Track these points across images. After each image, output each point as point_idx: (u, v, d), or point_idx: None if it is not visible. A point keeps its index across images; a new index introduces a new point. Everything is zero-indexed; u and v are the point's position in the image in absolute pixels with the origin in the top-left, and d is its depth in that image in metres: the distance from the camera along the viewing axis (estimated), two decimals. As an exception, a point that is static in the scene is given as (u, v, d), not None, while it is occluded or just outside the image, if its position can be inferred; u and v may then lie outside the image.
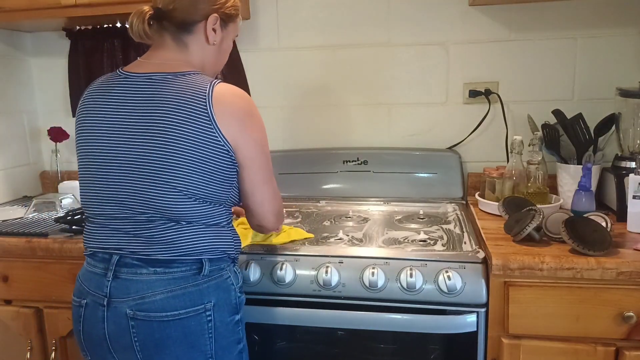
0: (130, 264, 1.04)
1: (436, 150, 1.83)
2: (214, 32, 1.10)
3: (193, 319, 1.03)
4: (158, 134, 1.00)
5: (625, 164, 1.49)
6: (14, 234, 1.52)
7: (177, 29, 1.08)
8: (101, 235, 1.08)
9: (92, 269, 1.08)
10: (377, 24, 1.83)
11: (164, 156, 1.00)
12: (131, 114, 1.03)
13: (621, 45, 1.70)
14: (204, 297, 1.04)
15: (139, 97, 1.03)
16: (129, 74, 1.07)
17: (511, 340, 1.21)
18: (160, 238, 1.03)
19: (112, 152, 1.04)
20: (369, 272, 1.24)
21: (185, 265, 1.04)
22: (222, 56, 1.18)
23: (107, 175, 1.05)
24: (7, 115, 1.98)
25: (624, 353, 1.17)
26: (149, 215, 1.03)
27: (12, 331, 1.56)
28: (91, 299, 1.06)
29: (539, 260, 1.17)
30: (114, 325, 1.03)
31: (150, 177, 1.01)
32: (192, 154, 1.00)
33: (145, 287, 1.02)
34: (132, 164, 1.02)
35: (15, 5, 1.67)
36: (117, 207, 1.05)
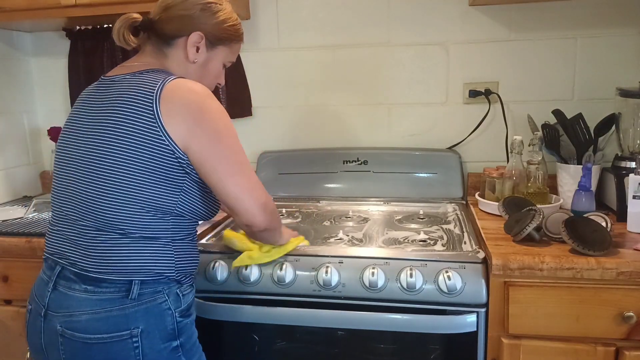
0: (68, 277, 1.00)
1: (436, 150, 1.83)
2: (195, 50, 1.08)
3: (118, 345, 0.97)
4: (102, 134, 0.98)
5: (625, 164, 1.49)
6: (14, 234, 1.52)
7: (158, 39, 1.07)
8: (52, 241, 1.06)
9: (42, 274, 1.07)
10: (377, 24, 1.83)
11: (104, 156, 0.97)
12: (87, 117, 1.02)
13: (621, 45, 1.70)
14: (130, 323, 0.98)
15: (97, 99, 1.03)
16: (102, 78, 1.08)
17: (511, 340, 1.21)
18: (94, 250, 0.99)
19: (68, 155, 1.04)
20: (369, 272, 1.24)
21: (114, 286, 0.98)
22: (208, 77, 1.14)
23: (63, 178, 1.04)
24: (7, 115, 1.98)
25: (624, 353, 1.17)
26: (88, 222, 0.99)
27: (12, 331, 1.56)
28: (34, 307, 1.05)
29: (539, 260, 1.17)
30: (48, 338, 1.01)
31: (91, 178, 0.98)
32: (132, 154, 0.95)
33: (74, 304, 0.98)
34: (79, 165, 1.01)
35: (15, 5, 1.67)
36: (68, 211, 1.03)
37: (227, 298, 1.29)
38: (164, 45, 1.07)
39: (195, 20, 1.07)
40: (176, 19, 1.06)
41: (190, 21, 1.06)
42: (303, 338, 1.33)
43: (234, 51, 1.18)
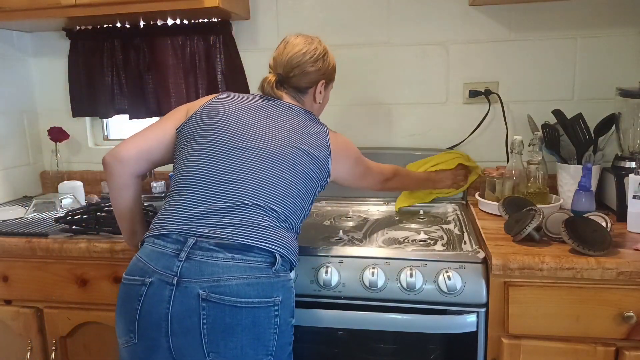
0: (206, 248, 1.06)
1: (436, 150, 1.82)
2: (320, 94, 1.34)
3: (263, 311, 1.05)
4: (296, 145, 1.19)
5: (625, 164, 1.49)
6: (14, 234, 1.52)
7: (293, 90, 1.31)
8: (181, 217, 1.11)
9: (160, 249, 1.09)
10: (377, 24, 1.83)
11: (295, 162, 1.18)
12: (277, 124, 1.22)
13: (621, 45, 1.70)
14: (274, 291, 1.07)
15: (280, 113, 1.25)
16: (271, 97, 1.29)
17: (511, 340, 1.21)
18: (253, 221, 1.09)
19: (243, 144, 1.17)
20: (369, 272, 1.24)
21: (261, 256, 1.08)
22: (322, 108, 1.40)
23: (231, 161, 1.15)
24: (7, 115, 1.98)
25: (624, 353, 1.17)
26: (259, 201, 1.11)
27: (12, 331, 1.56)
28: (157, 278, 1.06)
29: (539, 260, 1.17)
30: (181, 305, 1.03)
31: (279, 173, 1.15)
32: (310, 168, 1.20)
33: (220, 271, 1.04)
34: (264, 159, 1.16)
35: (15, 5, 1.67)
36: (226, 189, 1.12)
37: (227, 298, 1.29)
38: (299, 92, 1.31)
39: (319, 72, 1.31)
40: (308, 74, 1.29)
41: (317, 73, 1.30)
42: (303, 338, 1.33)
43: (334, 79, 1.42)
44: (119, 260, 1.44)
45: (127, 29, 1.93)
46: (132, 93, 1.98)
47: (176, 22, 1.89)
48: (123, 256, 1.43)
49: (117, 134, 2.19)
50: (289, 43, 1.30)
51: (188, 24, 1.89)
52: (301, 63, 1.28)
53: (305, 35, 1.32)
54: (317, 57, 1.29)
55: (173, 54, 1.92)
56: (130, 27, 1.92)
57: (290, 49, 1.29)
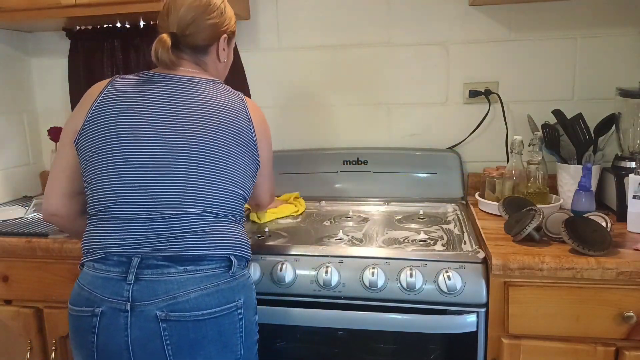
0: (155, 265, 1.00)
1: (436, 150, 1.83)
2: (224, 51, 1.20)
3: (227, 317, 1.03)
4: (209, 129, 1.07)
5: (625, 164, 1.49)
6: (14, 234, 1.52)
7: (193, 52, 1.15)
8: (117, 237, 1.03)
9: (104, 274, 1.02)
10: (377, 24, 1.83)
11: (215, 149, 1.06)
12: (180, 110, 1.07)
13: (621, 45, 1.70)
14: (235, 295, 1.05)
15: (186, 94, 1.09)
16: (165, 74, 1.12)
17: (511, 340, 1.21)
18: (195, 229, 1.03)
19: (152, 145, 1.05)
20: (369, 272, 1.24)
21: (215, 262, 1.04)
22: (227, 67, 1.28)
23: (143, 167, 1.04)
24: (7, 115, 1.98)
25: (624, 353, 1.17)
26: (191, 207, 1.04)
27: (12, 331, 1.56)
28: (108, 306, 1.00)
29: (539, 260, 1.17)
30: (140, 330, 0.98)
31: (199, 167, 1.05)
32: (236, 147, 1.09)
33: (175, 287, 0.99)
34: (181, 155, 1.04)
35: (15, 5, 1.67)
36: (151, 199, 1.03)
37: (227, 298, 1.29)
38: (201, 54, 1.16)
39: (220, 24, 1.16)
40: (206, 29, 1.13)
41: (218, 27, 1.16)
42: (303, 338, 1.33)
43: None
44: (119, 260, 1.44)
45: (127, 29, 1.93)
46: (132, 93, 1.98)
47: (176, 22, 1.89)
48: (123, 256, 1.43)
49: (117, 134, 2.18)
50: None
51: (188, 24, 1.88)
52: (197, 16, 1.11)
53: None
54: (215, 6, 1.13)
55: (173, 54, 1.91)
56: (130, 27, 1.92)
57: (182, 1, 1.11)
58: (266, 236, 1.45)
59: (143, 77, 1.12)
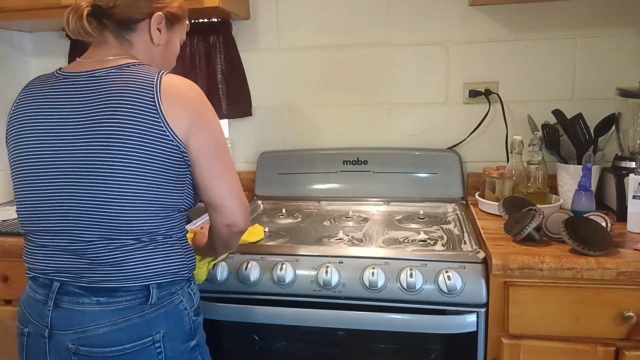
0: (72, 292, 0.95)
1: (436, 150, 1.83)
2: (158, 32, 1.04)
3: (140, 353, 0.94)
4: (102, 134, 0.91)
5: (625, 164, 1.49)
6: (14, 234, 1.52)
7: (118, 27, 1.00)
8: (41, 257, 0.98)
9: (33, 294, 1.00)
10: (377, 24, 1.83)
11: (109, 158, 0.90)
12: (72, 116, 0.93)
13: (621, 45, 1.70)
14: (152, 328, 0.95)
15: (81, 96, 0.94)
16: (67, 73, 0.99)
17: (511, 340, 1.21)
18: (105, 260, 0.93)
19: (51, 160, 0.94)
20: (369, 272, 1.24)
21: (131, 293, 0.94)
22: (170, 57, 1.11)
23: (46, 185, 0.95)
24: (7, 115, 1.97)
25: (624, 353, 1.17)
26: (94, 232, 0.93)
27: (12, 331, 1.55)
28: (33, 328, 0.98)
29: (539, 260, 1.17)
30: (57, 358, 0.95)
31: (95, 184, 0.91)
32: (140, 152, 0.90)
33: (88, 319, 0.93)
34: (74, 172, 0.92)
35: (15, 5, 1.67)
36: (58, 223, 0.95)
37: (227, 298, 1.29)
38: (126, 31, 1.01)
39: (152, 0, 1.02)
40: (133, 2, 0.99)
41: (147, 2, 1.01)
42: (303, 338, 1.33)
43: (185, 28, 1.14)
44: (119, 260, 1.44)
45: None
46: (132, 93, 1.97)
47: (176, 22, 1.89)
48: (123, 256, 1.43)
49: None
50: None
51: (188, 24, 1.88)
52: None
53: None
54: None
55: (173, 54, 1.91)
56: (130, 27, 1.92)
57: None
58: (266, 236, 1.45)
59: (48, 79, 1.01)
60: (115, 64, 0.97)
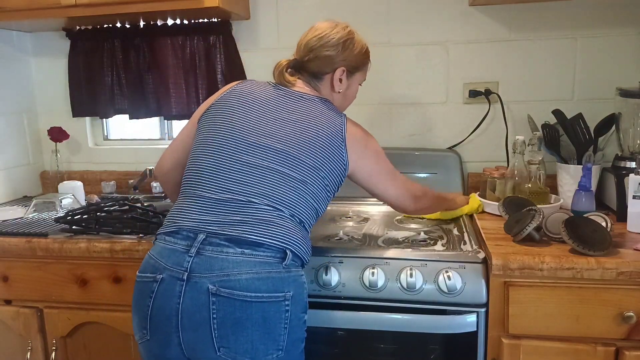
0: (216, 243, 1.06)
1: (436, 150, 1.83)
2: (339, 82, 1.26)
3: (273, 305, 1.05)
4: (299, 133, 1.15)
5: (625, 164, 1.49)
6: (14, 234, 1.52)
7: (309, 76, 1.26)
8: (191, 213, 1.11)
9: (171, 245, 1.10)
10: (377, 24, 1.83)
11: (301, 156, 1.14)
12: (285, 116, 1.18)
13: (621, 45, 1.70)
14: (285, 286, 1.06)
15: (290, 104, 1.20)
16: (285, 88, 1.24)
17: (511, 340, 1.21)
18: (262, 218, 1.09)
19: (250, 138, 1.15)
20: (369, 272, 1.24)
21: (271, 251, 1.07)
22: (347, 100, 1.34)
23: (238, 155, 1.14)
24: (7, 115, 1.98)
25: (624, 353, 1.17)
26: (265, 199, 1.10)
27: (12, 331, 1.56)
28: (168, 274, 1.06)
29: (539, 260, 1.17)
30: (191, 300, 1.03)
31: (283, 168, 1.13)
32: (321, 162, 1.15)
33: (230, 266, 1.04)
34: (269, 153, 1.14)
35: (15, 5, 1.67)
36: (234, 186, 1.12)
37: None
38: (315, 79, 1.26)
39: (339, 57, 1.24)
40: (322, 59, 1.23)
41: (335, 59, 1.24)
42: (303, 338, 1.33)
43: (366, 71, 1.35)
44: (119, 260, 1.44)
45: (127, 29, 1.93)
46: (132, 93, 1.98)
47: (176, 22, 1.89)
48: (123, 256, 1.43)
49: (117, 134, 2.19)
50: (312, 27, 1.26)
51: (188, 24, 1.89)
52: (317, 46, 1.23)
53: (333, 21, 1.27)
54: (337, 41, 1.23)
55: (173, 54, 1.92)
56: (130, 27, 1.92)
57: (311, 33, 1.25)
58: None
59: (267, 84, 1.26)
60: (315, 94, 1.25)
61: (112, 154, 2.11)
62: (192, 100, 1.95)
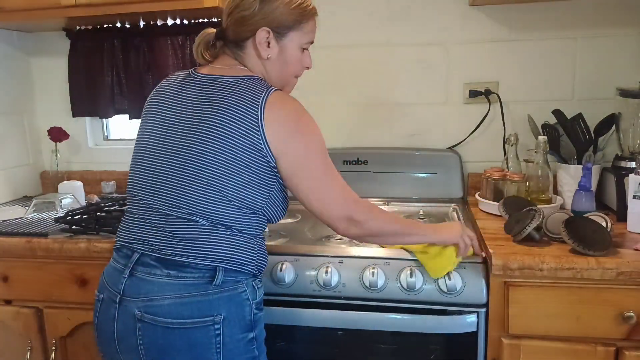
0: (147, 264, 1.02)
1: (436, 150, 1.83)
2: (266, 46, 1.08)
3: (199, 331, 0.99)
4: (204, 130, 1.01)
5: (625, 164, 1.49)
6: (14, 234, 1.52)
7: (233, 46, 1.10)
8: (131, 228, 1.08)
9: (114, 264, 1.08)
10: (377, 24, 1.83)
11: (205, 152, 1.00)
12: (187, 110, 1.04)
13: (621, 45, 1.70)
14: (214, 309, 1.00)
15: (199, 95, 1.05)
16: (196, 73, 1.10)
17: (511, 340, 1.21)
18: (183, 236, 1.01)
19: (160, 142, 1.06)
20: (369, 272, 1.24)
21: (198, 271, 1.00)
22: (288, 66, 1.13)
23: (151, 163, 1.06)
24: (7, 115, 1.98)
25: (624, 353, 1.17)
26: (179, 211, 1.02)
27: (12, 331, 1.56)
28: (107, 295, 1.06)
29: (539, 260, 1.17)
30: (123, 324, 1.02)
31: (187, 171, 1.01)
32: (233, 154, 0.99)
33: (155, 289, 1.00)
34: (174, 156, 1.03)
35: (15, 5, 1.67)
36: (152, 197, 1.05)
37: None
38: (237, 49, 1.09)
39: (257, 17, 1.06)
40: (239, 21, 1.06)
41: (252, 20, 1.06)
42: (303, 338, 1.33)
43: (308, 30, 1.15)
44: (119, 260, 1.44)
45: (127, 29, 1.93)
46: (132, 93, 1.98)
47: (176, 22, 1.89)
48: (123, 256, 1.43)
49: (117, 134, 2.19)
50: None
51: (188, 24, 1.88)
52: (233, 8, 1.07)
53: None
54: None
55: (173, 54, 1.91)
56: (130, 27, 1.92)
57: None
58: (266, 236, 1.44)
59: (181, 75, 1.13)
60: (233, 74, 1.07)
61: (112, 154, 2.11)
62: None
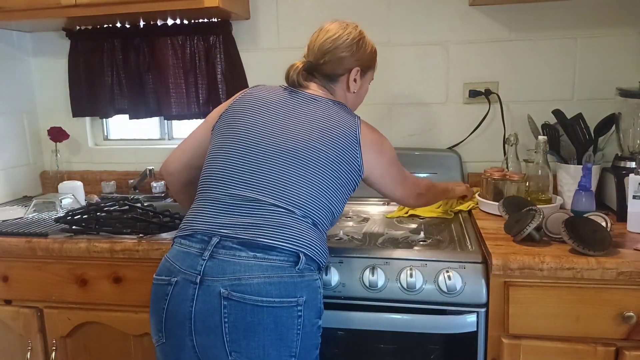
0: (229, 247, 1.06)
1: (436, 150, 1.83)
2: (354, 82, 1.26)
3: (285, 310, 1.04)
4: (312, 136, 1.15)
5: (625, 164, 1.49)
6: (14, 234, 1.52)
7: (324, 79, 1.25)
8: (206, 216, 1.12)
9: (186, 249, 1.10)
10: (377, 24, 1.83)
11: (315, 156, 1.13)
12: (294, 118, 1.17)
13: (621, 45, 1.70)
14: (297, 291, 1.06)
15: (303, 106, 1.20)
16: (298, 90, 1.24)
17: (511, 340, 1.21)
18: (273, 221, 1.08)
19: (260, 140, 1.15)
20: (369, 272, 1.24)
21: (284, 254, 1.06)
22: (359, 99, 1.34)
23: (245, 157, 1.14)
24: (7, 115, 1.98)
25: (624, 353, 1.17)
26: (275, 199, 1.10)
27: (12, 331, 1.56)
28: (182, 277, 1.07)
29: (539, 260, 1.17)
30: (204, 304, 1.04)
31: (295, 169, 1.12)
32: (335, 162, 1.14)
33: (242, 269, 1.04)
34: (280, 154, 1.13)
35: (15, 5, 1.67)
36: (243, 188, 1.11)
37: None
38: (329, 81, 1.25)
39: (353, 57, 1.24)
40: (337, 60, 1.23)
41: (349, 60, 1.24)
42: (303, 338, 1.33)
43: (375, 69, 1.35)
44: (118, 260, 1.44)
45: (127, 29, 1.93)
46: (132, 93, 1.98)
47: (176, 22, 1.89)
48: (123, 256, 1.43)
49: (117, 134, 2.19)
50: (322, 29, 1.26)
51: (188, 24, 1.89)
52: (332, 49, 1.22)
53: (341, 21, 1.27)
54: (350, 42, 1.23)
55: (173, 54, 1.92)
56: (130, 27, 1.92)
57: (323, 35, 1.24)
58: None
59: (279, 88, 1.26)
60: (328, 97, 1.24)
61: (112, 154, 2.11)
62: (192, 100, 1.95)
